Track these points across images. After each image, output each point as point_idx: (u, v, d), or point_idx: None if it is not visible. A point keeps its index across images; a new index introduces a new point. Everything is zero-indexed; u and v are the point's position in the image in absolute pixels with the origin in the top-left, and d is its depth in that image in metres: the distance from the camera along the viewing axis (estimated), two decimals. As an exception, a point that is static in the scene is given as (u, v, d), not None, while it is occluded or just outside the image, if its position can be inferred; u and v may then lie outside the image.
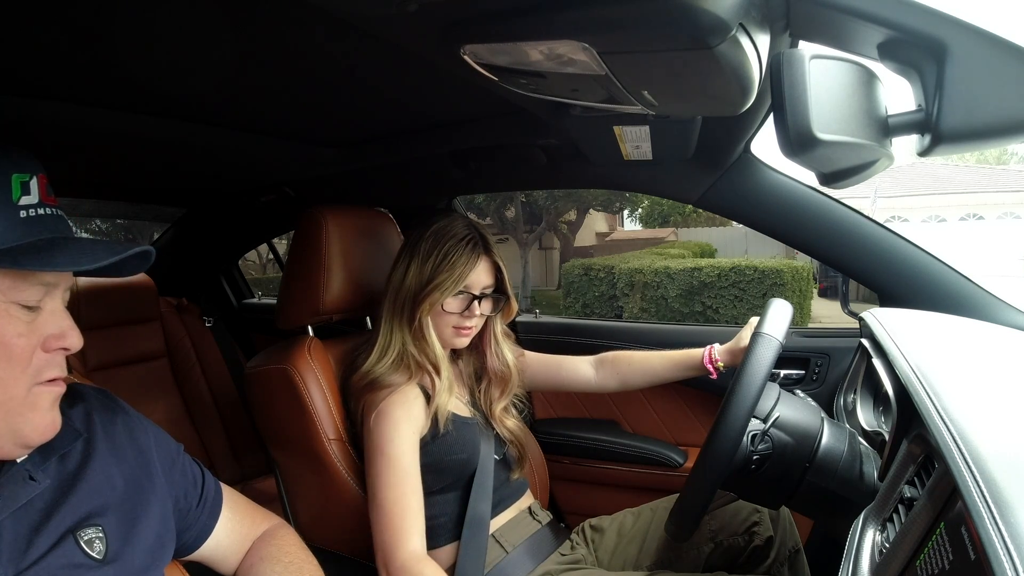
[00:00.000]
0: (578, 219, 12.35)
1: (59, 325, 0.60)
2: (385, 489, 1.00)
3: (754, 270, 7.20)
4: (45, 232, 0.58)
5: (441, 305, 1.09)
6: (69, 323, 0.61)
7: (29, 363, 0.58)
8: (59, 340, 0.60)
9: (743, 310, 7.14)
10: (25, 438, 0.59)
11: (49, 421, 0.60)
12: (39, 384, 0.59)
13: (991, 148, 1.84)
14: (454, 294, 1.09)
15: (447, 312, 1.10)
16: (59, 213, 0.61)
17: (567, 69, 0.65)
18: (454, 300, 1.10)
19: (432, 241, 1.10)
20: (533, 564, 1.12)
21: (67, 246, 0.58)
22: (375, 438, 1.03)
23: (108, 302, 1.87)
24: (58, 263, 0.56)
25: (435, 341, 1.10)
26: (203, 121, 1.18)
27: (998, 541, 0.41)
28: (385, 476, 1.00)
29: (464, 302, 1.10)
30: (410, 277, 1.10)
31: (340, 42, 0.83)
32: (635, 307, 7.83)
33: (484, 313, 1.14)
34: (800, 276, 7.38)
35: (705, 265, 7.57)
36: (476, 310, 1.11)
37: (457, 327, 1.12)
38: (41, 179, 0.59)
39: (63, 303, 0.61)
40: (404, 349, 1.10)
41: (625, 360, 1.28)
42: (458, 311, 1.10)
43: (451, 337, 1.13)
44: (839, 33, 0.65)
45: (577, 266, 8.87)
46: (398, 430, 1.03)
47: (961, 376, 0.76)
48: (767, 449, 0.86)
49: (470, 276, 1.09)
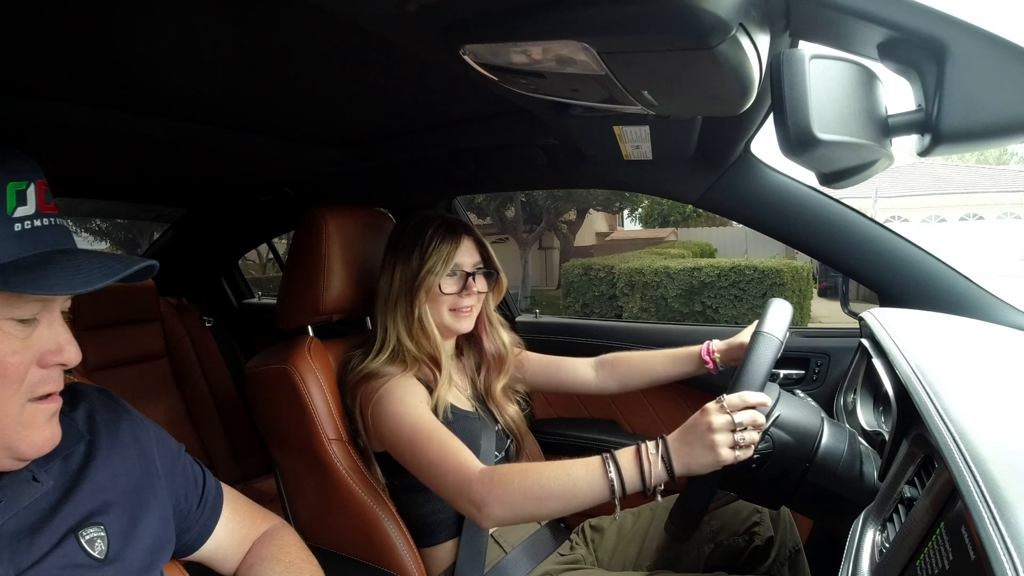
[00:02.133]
0: (578, 219, 12.36)
1: (56, 340, 0.58)
2: (426, 450, 0.97)
3: (754, 270, 7.20)
4: (41, 246, 0.55)
5: (439, 287, 1.10)
6: (67, 337, 0.59)
7: (23, 380, 0.56)
8: (56, 355, 0.58)
9: (743, 310, 7.14)
10: (21, 453, 0.57)
11: (47, 437, 0.58)
12: (33, 401, 0.57)
13: (991, 148, 1.84)
14: (448, 274, 1.11)
15: (445, 294, 1.11)
16: (58, 222, 0.58)
17: (567, 69, 0.65)
18: (449, 280, 1.12)
19: (411, 237, 1.12)
20: (532, 564, 1.12)
21: (63, 263, 0.55)
22: (386, 420, 1.02)
23: (108, 302, 1.87)
24: (51, 286, 0.53)
25: (435, 331, 1.11)
26: (203, 121, 1.18)
27: (998, 541, 0.41)
28: (418, 440, 0.98)
29: (460, 281, 1.13)
30: (397, 276, 1.11)
31: (340, 42, 0.83)
32: (635, 307, 7.83)
33: (480, 290, 1.16)
34: (800, 276, 7.38)
35: (705, 265, 7.57)
36: (473, 287, 1.13)
37: (455, 309, 1.13)
38: (39, 185, 0.57)
39: (61, 315, 0.59)
40: (400, 344, 1.10)
41: (624, 361, 1.28)
42: (456, 291, 1.12)
43: (452, 322, 1.13)
44: (839, 33, 0.65)
45: (577, 266, 8.87)
46: (404, 402, 1.03)
47: (961, 376, 0.76)
48: (767, 448, 0.86)
49: (459, 255, 1.12)
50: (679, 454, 0.84)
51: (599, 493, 0.85)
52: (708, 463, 0.82)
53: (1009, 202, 12.16)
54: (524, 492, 0.87)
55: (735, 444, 0.82)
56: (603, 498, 0.85)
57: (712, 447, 0.81)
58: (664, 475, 0.84)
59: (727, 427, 0.82)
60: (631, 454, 0.86)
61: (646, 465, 0.84)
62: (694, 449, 0.83)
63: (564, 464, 0.88)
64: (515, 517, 0.92)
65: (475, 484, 0.90)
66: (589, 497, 0.86)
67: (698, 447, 0.83)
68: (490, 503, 0.88)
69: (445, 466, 0.94)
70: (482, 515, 0.89)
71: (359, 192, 1.69)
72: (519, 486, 0.88)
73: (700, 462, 0.83)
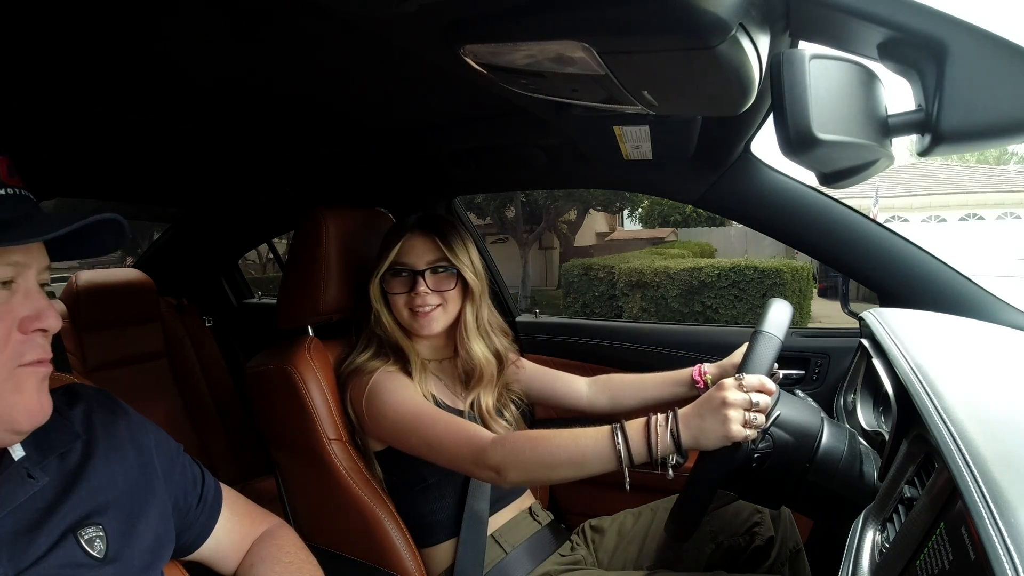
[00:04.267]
0: (578, 219, 12.37)
1: (34, 306, 0.59)
2: (433, 429, 1.00)
3: (754, 270, 7.21)
4: (4, 213, 0.56)
5: (385, 286, 1.13)
6: (45, 303, 0.60)
7: (6, 345, 0.57)
8: (35, 321, 0.59)
9: (743, 310, 7.16)
10: (15, 423, 0.58)
11: (37, 404, 0.59)
12: (21, 366, 0.58)
13: (991, 148, 1.84)
14: (392, 273, 1.12)
15: (394, 293, 1.13)
16: (22, 193, 0.59)
17: (567, 69, 0.65)
18: (396, 280, 1.13)
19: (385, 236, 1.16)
20: (533, 564, 1.12)
21: (23, 225, 0.56)
22: (385, 411, 1.04)
23: (108, 302, 1.86)
24: (12, 236, 0.55)
25: (394, 327, 1.14)
26: (203, 121, 1.19)
27: (998, 541, 0.41)
28: (423, 422, 1.01)
29: (406, 280, 1.12)
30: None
31: (340, 42, 0.83)
32: (635, 307, 7.83)
33: (432, 288, 1.12)
34: (800, 276, 7.39)
35: (705, 265, 7.57)
36: (420, 286, 1.11)
37: (411, 309, 1.12)
38: (1, 161, 0.58)
39: (38, 283, 0.60)
40: (373, 335, 1.14)
41: (618, 381, 1.28)
42: (403, 290, 1.13)
43: (411, 321, 1.13)
44: (839, 33, 0.65)
45: (577, 266, 8.87)
46: (399, 392, 1.06)
47: (961, 376, 0.76)
48: (768, 447, 0.86)
49: (403, 252, 1.12)
50: (689, 426, 0.85)
51: (607, 462, 0.88)
52: (718, 437, 0.83)
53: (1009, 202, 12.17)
54: (536, 459, 0.91)
55: (746, 423, 0.83)
56: (611, 467, 0.88)
57: (724, 421, 0.82)
58: (671, 446, 0.85)
59: (743, 404, 0.83)
60: (640, 425, 0.88)
61: (653, 436, 0.86)
62: (705, 422, 0.84)
63: (575, 433, 0.91)
64: (531, 482, 0.96)
65: (490, 451, 0.93)
66: (598, 465, 0.89)
67: (710, 420, 0.84)
68: (506, 468, 0.92)
69: (457, 439, 0.97)
70: (502, 478, 0.93)
71: (359, 192, 1.69)
72: (531, 453, 0.92)
73: (709, 436, 0.84)
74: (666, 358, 1.48)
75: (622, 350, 1.55)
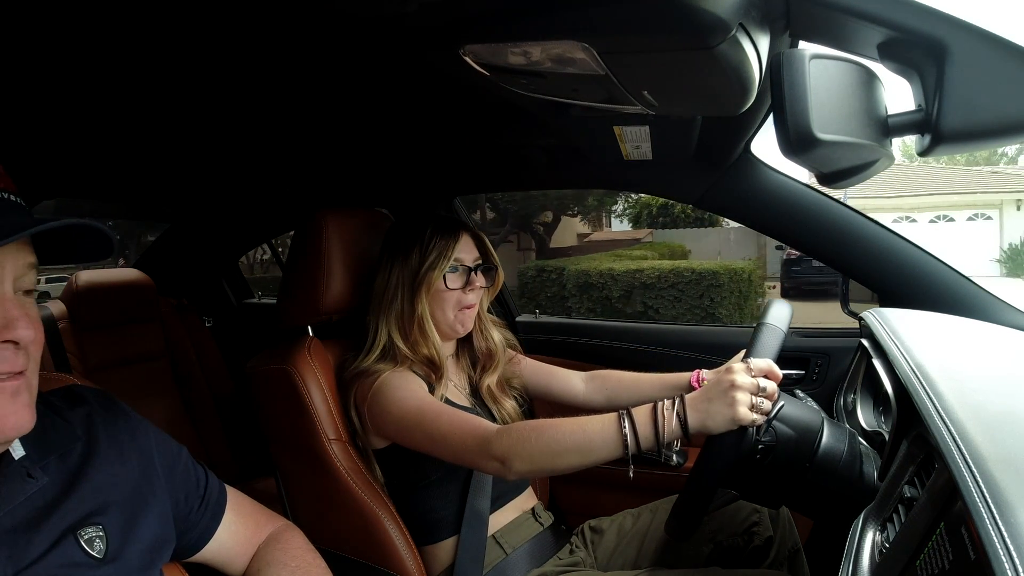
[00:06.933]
0: (553, 221, 12.44)
1: (4, 315, 0.54)
2: (437, 423, 0.99)
3: (692, 272, 7.45)
4: None
5: (444, 281, 1.10)
6: (19, 312, 0.55)
7: None
8: (4, 332, 0.54)
9: (682, 310, 7.42)
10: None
11: (11, 418, 0.55)
12: None
13: (991, 148, 1.84)
14: (450, 269, 1.11)
15: (450, 289, 1.11)
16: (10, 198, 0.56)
17: (567, 69, 0.65)
18: (453, 276, 1.12)
19: (409, 235, 1.13)
20: (533, 565, 1.12)
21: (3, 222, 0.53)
22: (388, 408, 1.04)
23: (108, 302, 1.86)
24: None
25: (434, 333, 1.12)
26: (202, 121, 1.18)
27: (998, 541, 0.41)
28: (427, 417, 1.00)
29: (463, 275, 1.13)
30: (395, 275, 1.11)
31: (339, 41, 0.83)
32: (583, 307, 7.99)
33: (483, 285, 1.16)
34: (739, 278, 7.61)
35: (647, 267, 7.80)
36: (476, 282, 1.13)
37: (459, 307, 1.13)
38: None
39: (14, 290, 0.56)
40: (391, 343, 1.11)
41: (615, 378, 1.27)
42: (460, 286, 1.12)
43: (454, 322, 1.13)
44: (839, 33, 0.65)
45: (531, 267, 8.99)
46: (403, 388, 1.05)
47: (961, 376, 0.76)
48: (771, 440, 0.86)
49: (458, 250, 1.12)
50: (696, 410, 0.85)
51: (614, 448, 0.87)
52: (725, 420, 0.83)
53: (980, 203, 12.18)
54: (542, 447, 0.90)
55: (753, 407, 0.83)
56: (617, 453, 0.87)
57: (732, 403, 0.82)
58: (678, 431, 0.85)
59: (751, 388, 0.83)
60: (647, 410, 0.88)
61: (660, 420, 0.86)
62: (712, 405, 0.84)
63: (580, 420, 0.91)
64: (536, 471, 0.95)
65: (495, 440, 0.92)
66: (604, 452, 0.88)
67: (717, 403, 0.84)
68: (511, 458, 0.91)
69: (462, 431, 0.97)
70: (507, 469, 0.92)
71: (359, 192, 1.69)
72: (536, 442, 0.91)
73: (716, 419, 0.84)
74: (666, 358, 1.49)
75: (623, 350, 1.55)
